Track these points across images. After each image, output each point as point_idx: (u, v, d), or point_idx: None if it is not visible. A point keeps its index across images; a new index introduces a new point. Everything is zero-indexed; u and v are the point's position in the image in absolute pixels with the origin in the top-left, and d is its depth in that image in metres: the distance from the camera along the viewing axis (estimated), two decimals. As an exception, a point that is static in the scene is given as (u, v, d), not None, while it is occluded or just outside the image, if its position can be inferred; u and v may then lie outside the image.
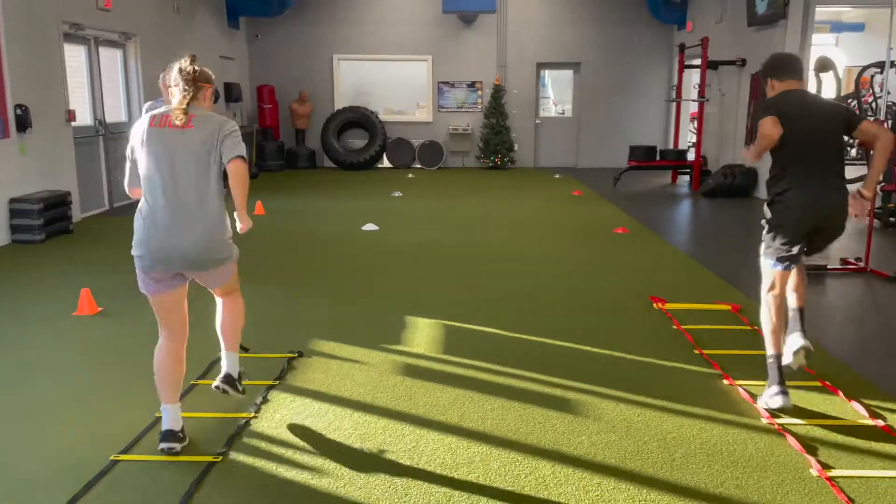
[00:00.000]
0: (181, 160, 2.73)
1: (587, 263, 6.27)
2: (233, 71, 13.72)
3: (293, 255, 6.61)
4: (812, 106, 3.30)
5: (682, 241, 7.40)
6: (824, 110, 3.29)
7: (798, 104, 3.25)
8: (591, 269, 6.08)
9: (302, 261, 6.42)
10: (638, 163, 11.71)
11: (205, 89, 2.91)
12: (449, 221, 8.40)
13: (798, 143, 3.17)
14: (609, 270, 6.00)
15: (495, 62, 14.55)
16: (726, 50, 11.49)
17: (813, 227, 3.22)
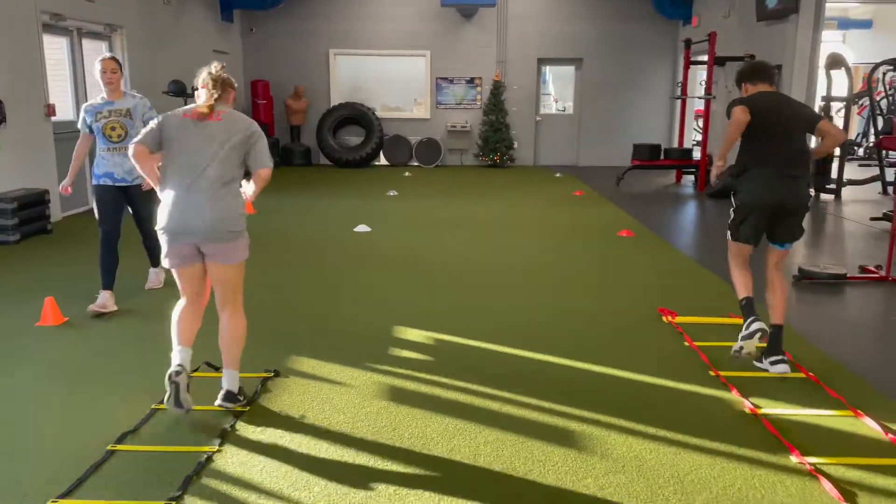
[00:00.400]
0: (207, 147, 3.03)
1: (590, 270, 5.91)
2: (226, 65, 13.31)
3: (277, 259, 6.25)
4: (782, 105, 3.64)
5: (689, 246, 7.03)
6: (793, 110, 3.65)
7: (771, 102, 3.62)
8: (594, 276, 5.71)
9: (286, 265, 6.06)
10: (641, 162, 11.35)
11: (229, 92, 3.27)
12: (445, 223, 8.04)
13: (766, 136, 3.58)
14: (613, 278, 5.64)
15: (495, 58, 14.17)
16: (734, 46, 11.11)
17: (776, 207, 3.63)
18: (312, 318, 4.57)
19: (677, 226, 8.33)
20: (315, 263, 6.13)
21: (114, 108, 4.74)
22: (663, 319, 4.51)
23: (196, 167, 3.01)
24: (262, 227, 7.64)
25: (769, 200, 3.64)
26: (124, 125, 4.73)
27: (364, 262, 6.14)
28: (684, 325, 4.40)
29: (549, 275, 5.73)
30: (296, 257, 6.37)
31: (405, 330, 4.32)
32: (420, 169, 13.77)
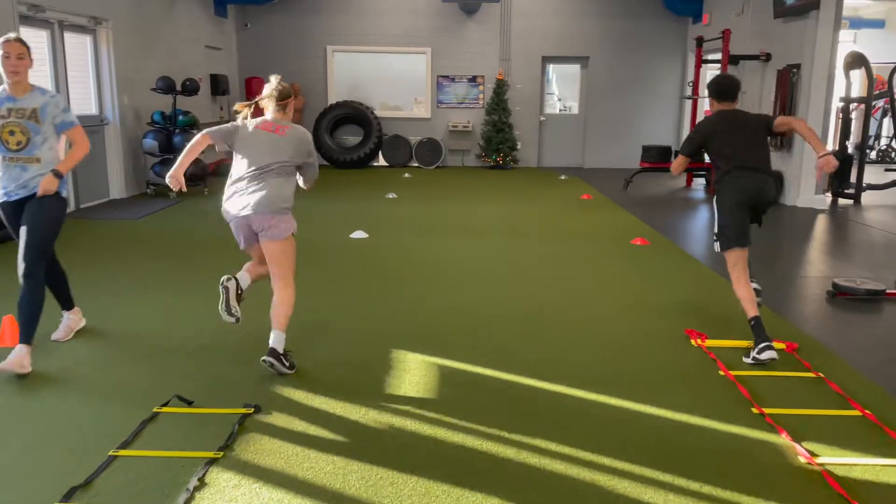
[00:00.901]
0: (271, 156, 3.60)
1: (605, 283, 5.45)
2: (220, 62, 12.89)
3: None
4: (738, 118, 4.12)
5: (709, 256, 6.57)
6: (747, 119, 4.13)
7: (726, 123, 4.09)
8: (610, 290, 5.26)
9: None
10: (651, 164, 10.90)
11: (289, 103, 3.76)
12: (446, 229, 7.58)
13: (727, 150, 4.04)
14: (631, 293, 5.18)
15: (498, 55, 13.72)
16: (748, 44, 10.67)
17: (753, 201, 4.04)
18: (300, 340, 4.11)
19: (693, 233, 7.88)
20: (305, 275, 5.65)
21: (16, 107, 3.66)
22: (692, 342, 4.05)
23: (261, 169, 3.57)
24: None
25: (746, 195, 4.02)
26: (26, 129, 3.65)
27: (360, 274, 5.68)
28: (716, 349, 3.95)
29: (561, 288, 5.28)
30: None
31: (404, 355, 3.86)
32: (420, 170, 13.31)
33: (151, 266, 5.85)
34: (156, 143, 9.19)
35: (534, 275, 5.67)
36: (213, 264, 5.86)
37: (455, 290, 5.19)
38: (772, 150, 9.53)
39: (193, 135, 4.20)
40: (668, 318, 4.55)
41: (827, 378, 3.56)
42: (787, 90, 9.25)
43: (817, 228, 8.13)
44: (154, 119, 9.39)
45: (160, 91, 9.28)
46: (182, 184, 3.78)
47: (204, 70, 12.05)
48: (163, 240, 6.88)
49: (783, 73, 9.34)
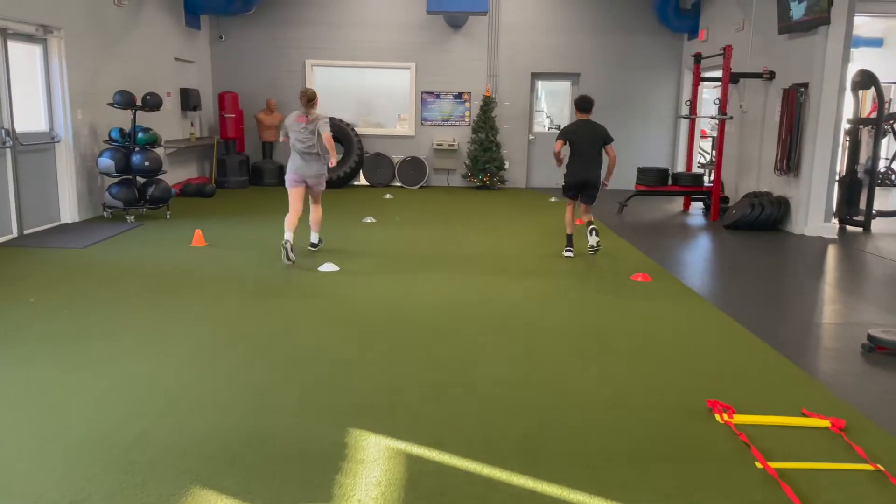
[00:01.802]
0: (307, 136, 6.43)
1: (604, 332, 4.74)
2: (191, 75, 12.17)
3: (205, 315, 5.05)
4: (585, 130, 6.72)
5: (720, 296, 5.89)
6: (592, 131, 6.74)
7: (579, 128, 6.75)
8: (611, 342, 4.55)
9: (215, 322, 4.85)
10: (648, 188, 10.25)
11: (314, 103, 6.51)
12: (426, 260, 6.87)
13: (575, 148, 6.71)
14: (636, 345, 4.48)
15: (486, 71, 13.10)
16: (748, 61, 10.09)
17: (580, 185, 6.79)
18: (234, 416, 3.36)
19: (698, 266, 7.19)
20: (256, 320, 4.92)
21: None
22: (716, 418, 3.35)
23: (304, 145, 6.42)
24: (211, 263, 6.44)
25: (578, 178, 6.75)
26: None
27: (321, 321, 4.94)
28: (747, 428, 3.24)
29: (553, 340, 4.57)
30: (232, 310, 5.15)
31: (366, 438, 3.13)
32: (403, 190, 12.61)
33: (73, 309, 5.07)
34: (112, 163, 8.43)
35: (523, 322, 4.95)
36: (152, 308, 5.10)
37: (431, 343, 4.47)
38: (778, 174, 8.92)
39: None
40: (682, 382, 3.84)
41: (888, 472, 2.86)
42: (795, 110, 8.64)
43: (829, 261, 7.49)
44: (111, 136, 8.64)
45: (117, 106, 8.54)
46: None
47: (173, 84, 11.32)
48: (102, 274, 6.10)
49: (790, 92, 8.74)
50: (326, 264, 6.38)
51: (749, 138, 10.19)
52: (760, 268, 6.98)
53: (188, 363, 4.00)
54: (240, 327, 4.69)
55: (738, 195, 10.39)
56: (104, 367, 3.91)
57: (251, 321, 4.82)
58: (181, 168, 11.67)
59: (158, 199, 8.83)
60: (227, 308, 5.11)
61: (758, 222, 8.91)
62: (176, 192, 10.96)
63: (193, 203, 10.41)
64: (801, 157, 8.70)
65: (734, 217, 9.05)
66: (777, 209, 8.90)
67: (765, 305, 5.52)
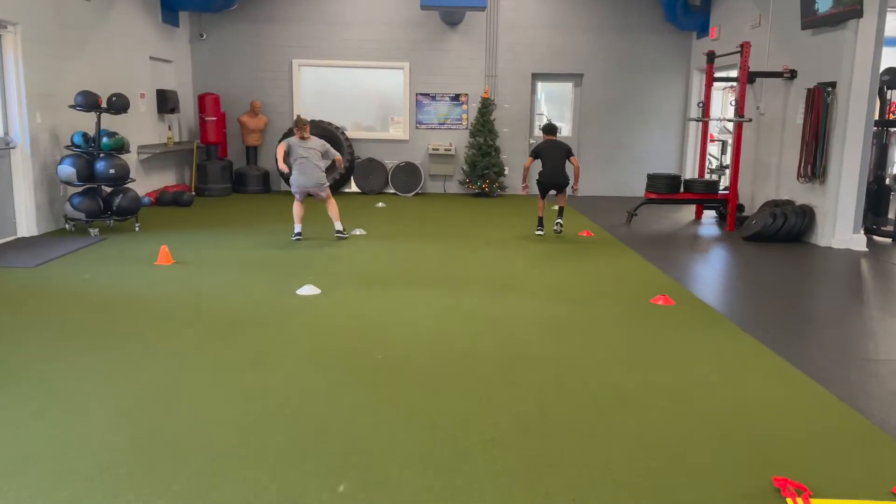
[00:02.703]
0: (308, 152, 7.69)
1: (628, 379, 3.99)
2: (169, 75, 11.42)
3: (159, 357, 4.29)
4: (552, 147, 8.28)
5: (757, 323, 5.15)
6: (557, 147, 8.29)
7: (546, 146, 8.31)
8: (636, 393, 3.80)
9: (163, 370, 4.10)
10: (658, 195, 9.52)
11: (305, 128, 7.71)
12: (418, 282, 6.12)
13: (545, 160, 8.28)
14: (669, 398, 3.73)
15: (484, 72, 12.37)
16: (766, 59, 9.39)
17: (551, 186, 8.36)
18: (183, 477, 2.61)
19: (723, 285, 6.44)
20: (211, 365, 4.16)
21: None
22: (788, 503, 2.61)
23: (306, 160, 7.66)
24: (174, 286, 5.67)
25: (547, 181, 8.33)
26: None
27: (292, 366, 4.19)
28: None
29: (569, 383, 3.82)
30: (185, 352, 4.38)
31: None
32: (396, 198, 11.87)
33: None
34: (73, 171, 7.67)
35: (531, 357, 4.21)
36: (84, 352, 4.34)
37: (425, 388, 3.72)
38: (801, 181, 8.20)
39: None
40: (734, 447, 3.10)
41: None
42: (821, 111, 7.93)
43: (866, 278, 6.76)
44: (73, 142, 7.88)
45: (80, 108, 7.78)
46: None
47: (148, 85, 10.57)
48: (41, 302, 5.34)
49: (815, 92, 8.02)
50: (306, 287, 5.62)
51: (767, 142, 9.48)
52: (793, 287, 6.24)
53: (110, 431, 3.24)
54: (187, 377, 3.93)
55: (755, 203, 9.68)
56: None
57: (204, 367, 4.06)
58: (157, 175, 10.91)
59: (126, 209, 8.07)
60: (178, 349, 4.34)
61: (780, 234, 8.19)
62: (150, 200, 10.22)
63: (169, 213, 9.65)
64: (828, 162, 7.99)
65: (754, 228, 8.33)
66: (801, 219, 8.18)
67: (809, 336, 4.78)
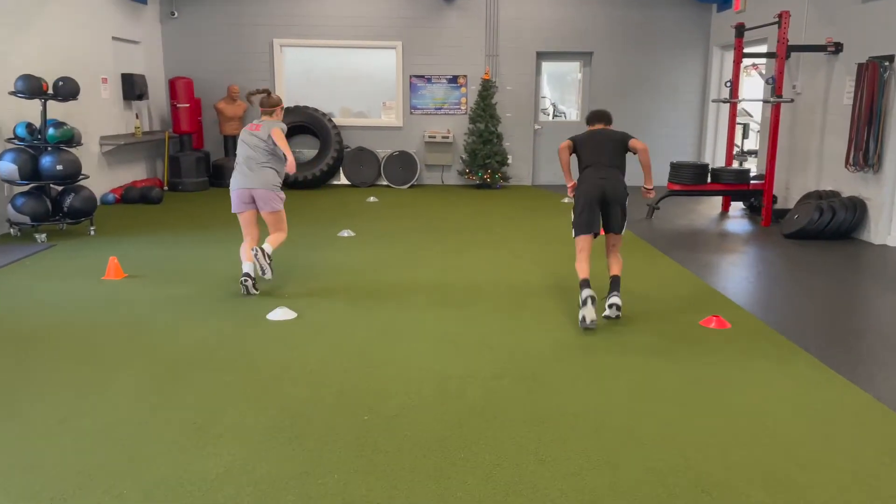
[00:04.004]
0: (254, 143, 5.03)
1: (709, 458, 2.97)
2: (136, 58, 10.32)
3: (83, 416, 3.28)
4: (599, 138, 4.84)
5: (839, 355, 4.15)
6: (609, 138, 4.84)
7: (588, 139, 4.86)
8: (722, 478, 2.80)
9: (86, 434, 3.09)
10: (683, 187, 8.50)
11: (277, 111, 5.25)
12: (414, 297, 5.10)
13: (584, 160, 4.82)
14: (770, 486, 2.73)
15: (484, 51, 11.29)
16: (803, 31, 8.34)
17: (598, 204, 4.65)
18: None
19: (781, 299, 5.35)
20: (149, 421, 3.15)
21: None
22: None
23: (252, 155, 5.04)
24: (105, 316, 4.62)
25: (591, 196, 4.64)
26: None
27: (255, 419, 3.18)
28: None
29: (624, 465, 2.82)
30: (119, 405, 3.37)
31: None
32: (390, 191, 10.82)
33: None
34: (14, 167, 6.62)
35: (566, 419, 3.20)
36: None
37: (429, 455, 2.72)
38: (851, 170, 7.20)
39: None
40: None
41: None
42: (876, 90, 6.90)
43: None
44: (16, 133, 6.82)
45: (20, 95, 6.70)
46: None
47: (111, 69, 9.47)
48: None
49: (869, 67, 6.99)
50: (279, 310, 4.60)
51: (804, 126, 8.45)
52: (863, 299, 5.24)
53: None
54: (119, 441, 2.91)
55: (789, 194, 8.67)
56: None
57: (129, 440, 3.04)
58: (123, 169, 9.84)
59: (79, 211, 7.02)
60: (100, 410, 3.31)
61: (827, 230, 7.18)
62: (115, 198, 9.16)
63: (134, 212, 8.60)
64: (884, 148, 6.97)
65: (798, 224, 7.32)
66: (851, 213, 7.17)
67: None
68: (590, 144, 4.84)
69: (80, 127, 8.49)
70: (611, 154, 4.78)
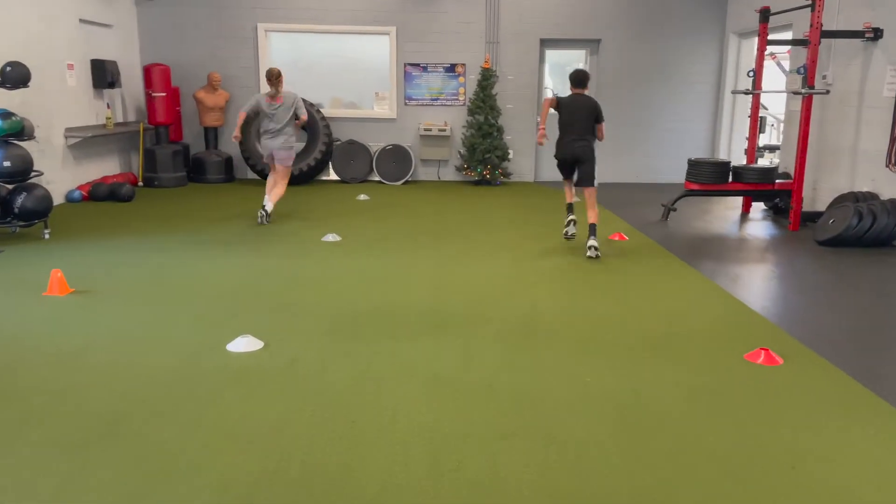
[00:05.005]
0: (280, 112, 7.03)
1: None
2: (108, 43, 9.53)
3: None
4: (578, 101, 5.98)
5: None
6: (583, 104, 5.96)
7: (570, 101, 6.00)
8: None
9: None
10: (702, 186, 7.76)
11: (280, 82, 7.00)
12: (404, 322, 4.36)
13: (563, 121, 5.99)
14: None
15: (484, 37, 10.52)
16: (835, 16, 7.59)
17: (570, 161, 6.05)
18: None
19: (835, 322, 4.59)
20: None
21: None
22: None
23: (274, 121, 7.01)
24: (32, 349, 3.85)
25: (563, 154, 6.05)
26: None
27: (192, 487, 2.45)
28: None
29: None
30: (20, 470, 2.64)
31: None
32: (382, 188, 10.07)
33: None
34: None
35: (584, 485, 2.47)
36: None
37: None
38: (894, 169, 6.47)
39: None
40: None
41: None
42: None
43: None
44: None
45: (7, 85, 5.93)
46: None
47: (78, 54, 8.68)
48: None
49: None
50: (241, 338, 3.85)
51: (835, 120, 7.71)
52: None
53: None
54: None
55: (817, 195, 7.95)
56: None
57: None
58: (93, 164, 9.07)
59: (31, 212, 6.26)
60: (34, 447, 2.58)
61: (866, 237, 6.46)
62: (82, 195, 8.40)
63: (101, 212, 7.83)
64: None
65: (834, 229, 6.58)
66: (895, 218, 6.44)
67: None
68: (569, 110, 6.00)
69: (43, 118, 7.75)
70: (583, 122, 5.96)
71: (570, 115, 5.94)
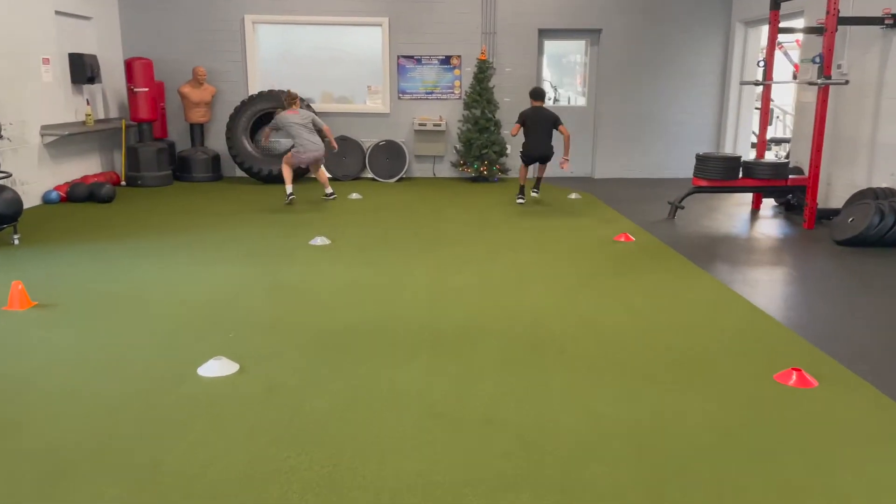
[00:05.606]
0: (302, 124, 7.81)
1: None
2: (87, 36, 9.10)
3: None
4: (539, 114, 7.77)
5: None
6: (544, 116, 7.76)
7: (533, 113, 7.78)
8: None
9: None
10: (711, 182, 7.38)
11: (296, 101, 7.88)
12: (394, 344, 3.97)
13: (529, 130, 7.81)
14: None
15: (480, 28, 10.11)
16: (851, 2, 7.20)
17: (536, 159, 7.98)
18: None
19: (869, 334, 4.18)
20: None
21: None
22: None
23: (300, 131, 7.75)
24: (19, 364, 3.48)
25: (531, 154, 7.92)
26: None
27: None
28: None
29: None
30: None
31: None
32: (375, 185, 9.67)
33: None
34: (-88, 166, 5.44)
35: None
36: None
37: None
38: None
39: None
40: None
41: None
42: (952, 70, 5.77)
43: None
44: (-83, 124, 5.64)
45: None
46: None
47: (54, 48, 8.26)
48: None
49: (942, 42, 5.86)
50: (214, 360, 3.46)
51: (850, 112, 7.33)
52: None
53: None
54: None
55: (831, 191, 7.57)
56: None
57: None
58: (72, 163, 8.66)
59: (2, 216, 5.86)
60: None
61: (888, 236, 6.09)
62: (60, 196, 8.00)
63: (78, 214, 7.43)
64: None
65: (854, 228, 6.20)
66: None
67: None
68: (533, 120, 7.77)
69: (16, 115, 7.37)
70: (545, 130, 7.79)
71: (534, 123, 7.78)
